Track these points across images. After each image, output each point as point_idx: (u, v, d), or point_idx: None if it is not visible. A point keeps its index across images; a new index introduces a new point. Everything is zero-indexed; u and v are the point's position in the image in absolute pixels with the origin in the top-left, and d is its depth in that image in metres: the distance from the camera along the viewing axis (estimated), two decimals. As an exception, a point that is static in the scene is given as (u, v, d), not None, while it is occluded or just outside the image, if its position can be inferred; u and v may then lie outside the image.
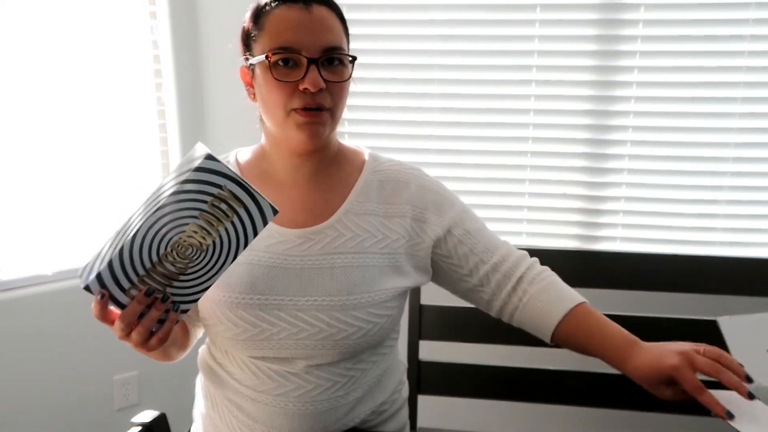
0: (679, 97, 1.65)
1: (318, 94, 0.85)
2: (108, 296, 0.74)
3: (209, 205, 0.73)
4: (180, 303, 0.76)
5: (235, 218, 0.74)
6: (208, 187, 0.72)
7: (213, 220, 0.73)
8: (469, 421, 1.81)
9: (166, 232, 0.72)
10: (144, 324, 0.75)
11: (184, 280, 0.75)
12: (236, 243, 0.75)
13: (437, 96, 1.75)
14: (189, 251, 0.74)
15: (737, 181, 1.66)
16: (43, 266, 1.66)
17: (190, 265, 0.74)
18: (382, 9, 1.73)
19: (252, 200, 0.74)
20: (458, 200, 1.01)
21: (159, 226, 0.72)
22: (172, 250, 0.73)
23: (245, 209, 0.74)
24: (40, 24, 1.59)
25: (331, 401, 0.92)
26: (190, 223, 0.73)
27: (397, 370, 1.05)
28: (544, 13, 1.66)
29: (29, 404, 1.66)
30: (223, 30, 1.78)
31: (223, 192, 0.72)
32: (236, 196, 0.73)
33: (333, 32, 0.87)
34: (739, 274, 1.30)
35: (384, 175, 0.98)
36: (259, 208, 0.74)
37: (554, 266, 1.38)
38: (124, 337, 0.76)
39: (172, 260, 0.73)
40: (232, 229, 0.74)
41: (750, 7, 1.58)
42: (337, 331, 0.89)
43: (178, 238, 0.73)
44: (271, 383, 0.91)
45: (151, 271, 0.73)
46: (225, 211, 0.73)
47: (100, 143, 1.73)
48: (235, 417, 0.94)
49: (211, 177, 0.72)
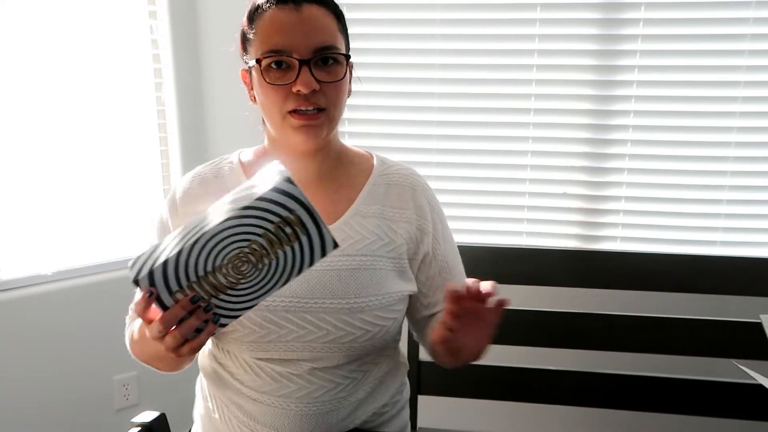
0: (679, 97, 1.65)
1: (312, 95, 0.85)
2: (156, 295, 0.72)
3: (275, 226, 0.72)
4: (221, 316, 0.75)
5: (296, 244, 0.73)
6: (279, 209, 0.71)
7: (275, 241, 0.72)
8: (469, 421, 1.81)
9: (227, 244, 0.71)
10: (181, 330, 0.72)
11: (232, 294, 0.74)
12: (290, 268, 0.74)
13: (437, 96, 1.75)
14: (244, 267, 0.73)
15: (737, 180, 1.66)
16: (43, 266, 1.66)
17: (242, 281, 0.73)
18: (382, 8, 1.73)
19: (317, 230, 0.73)
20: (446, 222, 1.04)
21: (222, 236, 0.71)
22: (228, 262, 0.72)
23: (308, 237, 0.73)
24: (40, 24, 1.59)
25: (334, 402, 0.92)
26: (252, 240, 0.72)
27: (399, 372, 1.05)
28: (545, 12, 1.66)
29: (29, 404, 1.65)
30: (223, 30, 1.76)
31: (291, 216, 0.72)
32: (303, 222, 0.72)
33: (325, 31, 0.86)
34: (739, 274, 1.30)
35: (392, 179, 0.98)
36: (321, 239, 0.73)
37: (554, 266, 1.39)
38: (157, 338, 0.74)
39: (225, 273, 0.72)
40: (290, 254, 0.73)
41: (750, 7, 1.57)
42: (344, 334, 0.89)
43: (237, 252, 0.72)
44: (274, 384, 0.91)
45: (202, 279, 0.72)
46: (288, 235, 0.72)
47: (99, 143, 1.73)
48: (236, 418, 0.94)
49: (285, 200, 0.71)
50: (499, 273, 1.36)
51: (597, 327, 1.34)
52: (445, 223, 1.03)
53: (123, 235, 1.78)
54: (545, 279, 1.38)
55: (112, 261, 1.76)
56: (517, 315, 1.35)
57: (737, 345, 1.28)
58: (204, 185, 0.95)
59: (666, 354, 1.35)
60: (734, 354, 1.22)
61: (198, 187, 0.96)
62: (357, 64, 0.91)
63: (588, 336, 1.35)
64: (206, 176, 0.96)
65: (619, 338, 1.33)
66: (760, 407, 1.27)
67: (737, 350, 1.26)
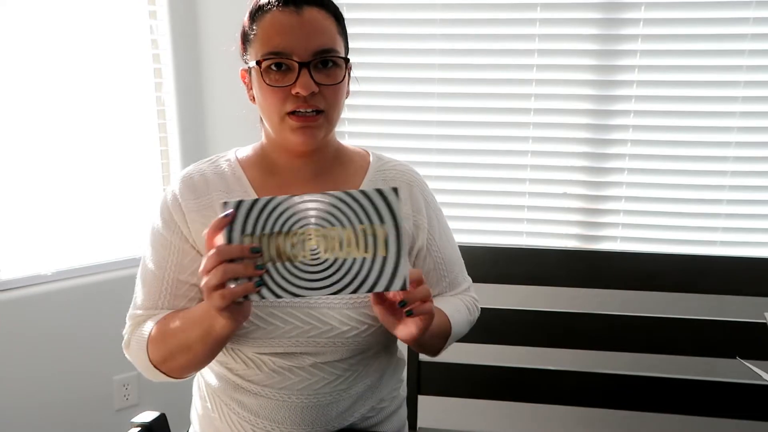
0: (679, 97, 1.65)
1: (312, 97, 0.85)
2: (230, 221, 0.71)
3: (362, 228, 0.72)
4: (264, 285, 0.72)
5: (368, 258, 0.72)
6: (374, 214, 0.71)
7: (352, 242, 0.72)
8: (469, 421, 1.81)
9: (310, 216, 0.71)
10: (226, 268, 0.71)
11: (286, 269, 0.72)
12: (348, 280, 0.72)
13: (437, 96, 1.75)
14: (313, 246, 0.72)
15: (737, 180, 1.66)
16: (43, 266, 1.66)
17: (303, 259, 0.72)
18: (382, 8, 1.73)
19: (395, 258, 0.72)
20: (443, 217, 1.05)
21: (311, 207, 0.71)
22: (302, 233, 0.72)
23: (383, 260, 0.72)
24: (40, 24, 1.59)
25: (334, 394, 0.93)
26: (334, 225, 0.72)
27: (398, 367, 1.06)
28: (545, 12, 1.66)
29: (29, 404, 1.65)
30: (223, 30, 1.77)
31: (381, 228, 0.72)
32: (387, 243, 0.72)
33: (325, 34, 0.87)
34: (739, 274, 1.30)
35: (389, 174, 1.00)
36: (394, 270, 0.72)
37: (554, 266, 1.39)
38: (206, 268, 0.72)
39: (294, 242, 0.72)
40: (357, 265, 0.72)
41: (750, 6, 1.57)
42: (348, 329, 0.90)
43: (315, 228, 0.72)
44: (276, 377, 0.91)
45: (273, 236, 0.72)
46: (367, 245, 0.72)
47: (99, 143, 1.73)
48: (236, 414, 0.94)
49: (384, 209, 0.71)
50: (499, 273, 1.37)
51: (597, 327, 1.34)
52: (442, 218, 1.04)
53: (123, 235, 1.78)
54: (545, 279, 1.38)
55: (112, 261, 1.76)
56: (517, 315, 1.35)
57: (737, 345, 1.28)
58: (204, 178, 0.95)
59: (666, 354, 1.35)
60: (734, 354, 1.22)
61: (200, 179, 0.95)
62: (357, 64, 0.92)
63: (588, 336, 1.35)
64: (205, 172, 0.96)
65: (619, 338, 1.34)
66: (760, 407, 1.27)
67: (737, 350, 1.25)
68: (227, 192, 0.93)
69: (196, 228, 0.91)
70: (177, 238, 0.92)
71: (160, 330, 0.89)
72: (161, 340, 0.88)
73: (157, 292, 0.92)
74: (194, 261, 0.92)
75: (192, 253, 0.92)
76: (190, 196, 0.93)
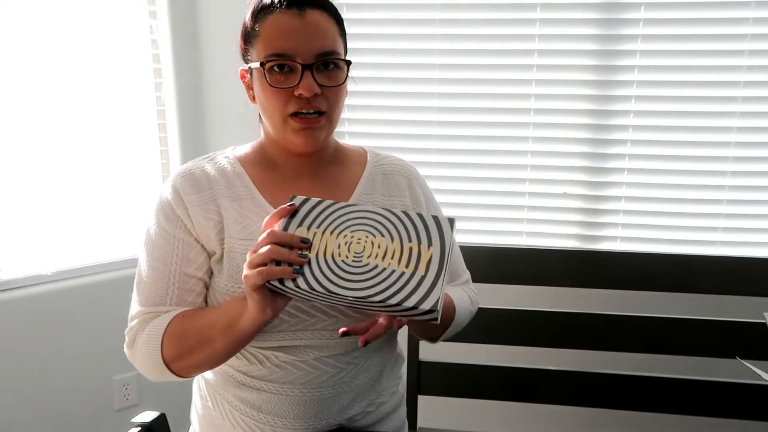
0: (679, 97, 1.65)
1: (314, 98, 0.87)
2: (292, 213, 0.78)
3: (409, 244, 0.74)
4: (301, 275, 0.74)
5: (406, 273, 0.73)
6: (423, 234, 0.74)
7: (396, 254, 0.74)
8: (469, 421, 1.81)
9: (364, 224, 0.76)
10: (273, 249, 0.74)
11: (327, 263, 0.75)
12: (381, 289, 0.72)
13: (437, 96, 1.75)
14: (358, 249, 0.75)
15: (737, 180, 1.66)
16: (43, 266, 1.66)
17: (345, 260, 0.75)
18: (382, 8, 1.73)
19: (432, 281, 0.72)
20: (441, 211, 1.08)
21: (371, 216, 0.76)
22: (352, 236, 0.76)
23: (419, 280, 0.72)
24: (40, 24, 1.59)
25: (336, 387, 0.94)
26: (386, 237, 0.75)
27: (398, 362, 1.08)
28: (545, 12, 1.66)
29: (29, 404, 1.65)
30: (223, 30, 1.78)
31: (426, 249, 0.74)
32: (429, 264, 0.73)
33: (327, 37, 0.88)
34: (739, 274, 1.30)
35: (387, 168, 1.03)
36: (427, 293, 0.71)
37: (554, 266, 1.39)
38: (259, 244, 0.76)
39: (341, 242, 0.76)
40: (394, 277, 0.73)
41: (750, 6, 1.58)
42: (352, 321, 0.90)
43: (365, 234, 0.75)
44: (279, 371, 0.92)
45: (325, 232, 0.76)
46: (408, 260, 0.74)
47: (99, 143, 1.73)
48: (238, 410, 0.94)
49: (435, 232, 0.75)
50: (499, 273, 1.37)
51: (597, 327, 1.34)
52: (439, 212, 1.07)
53: (123, 235, 1.78)
54: (545, 279, 1.38)
55: (112, 261, 1.76)
56: (517, 315, 1.35)
57: (737, 345, 1.28)
58: (205, 174, 0.95)
59: (666, 354, 1.35)
60: (734, 354, 1.22)
61: (201, 174, 0.95)
62: (357, 64, 0.92)
63: (588, 336, 1.35)
64: (205, 168, 0.96)
65: (619, 338, 1.33)
66: (760, 407, 1.27)
67: (737, 350, 1.26)
68: (229, 188, 0.94)
69: (199, 222, 0.91)
70: (181, 231, 0.92)
71: (180, 325, 0.88)
72: (181, 335, 0.87)
73: (164, 288, 0.91)
74: (199, 255, 0.92)
75: (197, 247, 0.92)
76: (191, 190, 0.93)
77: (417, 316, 0.73)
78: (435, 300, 0.71)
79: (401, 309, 0.72)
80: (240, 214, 0.92)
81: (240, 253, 0.90)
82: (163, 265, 0.91)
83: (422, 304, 0.70)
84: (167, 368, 0.89)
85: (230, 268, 0.90)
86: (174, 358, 0.88)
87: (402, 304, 0.71)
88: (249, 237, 0.90)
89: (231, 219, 0.91)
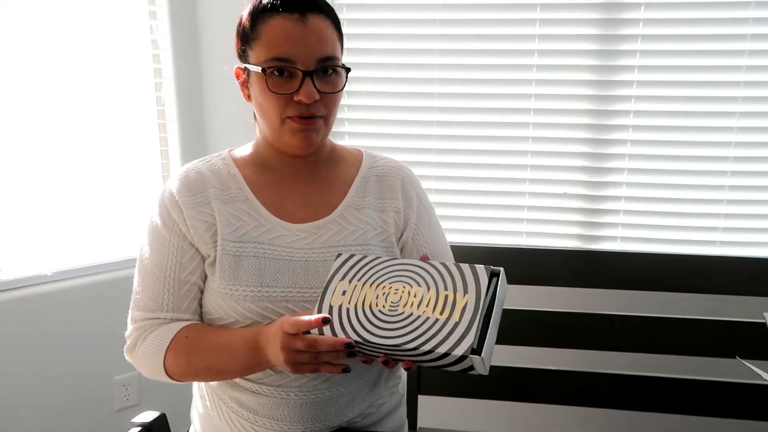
0: (679, 97, 1.65)
1: (312, 104, 0.88)
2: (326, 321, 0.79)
3: (444, 292, 0.75)
4: (356, 348, 0.77)
5: (440, 319, 0.74)
6: (460, 283, 0.75)
7: (431, 302, 0.75)
8: (469, 421, 1.81)
9: (402, 274, 0.78)
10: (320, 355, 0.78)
11: (364, 313, 0.77)
12: (415, 336, 0.74)
13: (437, 96, 1.75)
14: (393, 299, 0.77)
15: (737, 180, 1.66)
16: (43, 266, 1.66)
17: (381, 308, 0.77)
18: (382, 8, 1.73)
19: (466, 327, 0.72)
20: (434, 213, 1.07)
21: (411, 268, 0.78)
22: (390, 287, 0.78)
23: (453, 327, 0.73)
24: (40, 24, 1.59)
25: (332, 390, 0.93)
26: (422, 287, 0.77)
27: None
28: (545, 12, 1.66)
29: (29, 404, 1.65)
30: (223, 30, 1.77)
31: (462, 297, 0.74)
32: (464, 309, 0.74)
33: (328, 42, 0.89)
34: (739, 274, 1.30)
35: (381, 170, 1.03)
36: (462, 336, 0.72)
37: (554, 266, 1.39)
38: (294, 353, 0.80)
39: (378, 293, 0.78)
40: (427, 324, 0.74)
41: (750, 7, 1.57)
42: None
43: (402, 284, 0.77)
44: (273, 374, 0.92)
45: (368, 284, 0.79)
46: (443, 307, 0.74)
47: (99, 143, 1.73)
48: (235, 413, 0.94)
49: (472, 282, 0.75)
50: (499, 273, 1.36)
51: (597, 327, 1.34)
52: (432, 214, 1.06)
53: (123, 235, 1.78)
54: (545, 279, 1.38)
55: (112, 261, 1.76)
56: (517, 315, 1.35)
57: (737, 345, 1.28)
58: (199, 175, 0.96)
59: (666, 354, 1.35)
60: (734, 354, 1.22)
61: (195, 176, 0.96)
62: (357, 64, 0.93)
63: (588, 336, 1.35)
64: (200, 169, 0.97)
65: (619, 338, 1.33)
66: (760, 407, 1.27)
67: (737, 350, 1.25)
68: (222, 189, 0.94)
69: (194, 224, 0.92)
70: (176, 236, 0.92)
71: (187, 346, 0.89)
72: (186, 355, 0.89)
73: (160, 293, 0.92)
74: (193, 259, 0.92)
75: (191, 251, 0.92)
76: (186, 193, 0.94)
77: (453, 364, 0.73)
78: (467, 346, 0.71)
79: (435, 357, 0.73)
80: (233, 216, 0.93)
81: (232, 255, 0.90)
82: (159, 269, 0.92)
83: (455, 350, 0.71)
84: (168, 375, 0.92)
85: (222, 270, 0.90)
86: (177, 374, 0.92)
87: (434, 351, 0.71)
88: (241, 240, 0.91)
89: (224, 221, 0.92)
